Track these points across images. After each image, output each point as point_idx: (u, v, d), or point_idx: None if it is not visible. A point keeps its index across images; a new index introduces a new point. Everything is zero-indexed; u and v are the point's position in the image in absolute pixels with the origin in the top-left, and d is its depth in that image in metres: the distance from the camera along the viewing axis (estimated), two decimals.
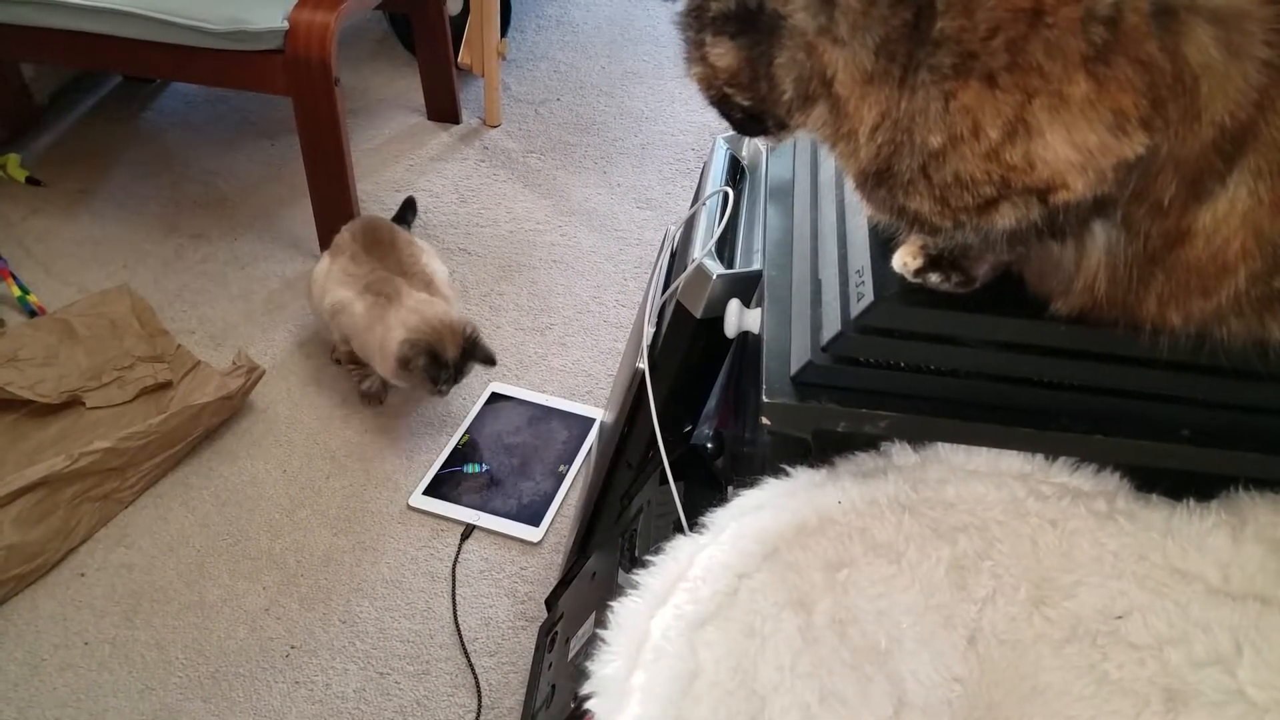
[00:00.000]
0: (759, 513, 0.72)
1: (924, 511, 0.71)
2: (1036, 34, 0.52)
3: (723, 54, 0.61)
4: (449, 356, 1.58)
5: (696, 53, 0.63)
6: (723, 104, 0.64)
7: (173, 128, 2.35)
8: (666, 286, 1.09)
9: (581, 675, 0.67)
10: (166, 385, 1.66)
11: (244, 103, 2.40)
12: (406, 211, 2.02)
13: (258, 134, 2.32)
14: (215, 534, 1.51)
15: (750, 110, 0.63)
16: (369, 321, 1.62)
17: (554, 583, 1.36)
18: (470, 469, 1.61)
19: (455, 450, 1.63)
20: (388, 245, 1.73)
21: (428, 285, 1.70)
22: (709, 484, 1.04)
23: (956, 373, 0.70)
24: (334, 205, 1.89)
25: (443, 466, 1.60)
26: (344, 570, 1.46)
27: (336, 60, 1.71)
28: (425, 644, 1.37)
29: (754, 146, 1.20)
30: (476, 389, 1.72)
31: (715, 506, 0.75)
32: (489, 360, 1.63)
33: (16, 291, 1.81)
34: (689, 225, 1.14)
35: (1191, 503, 0.71)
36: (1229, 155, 0.54)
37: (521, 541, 1.50)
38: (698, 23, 0.62)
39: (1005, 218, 0.59)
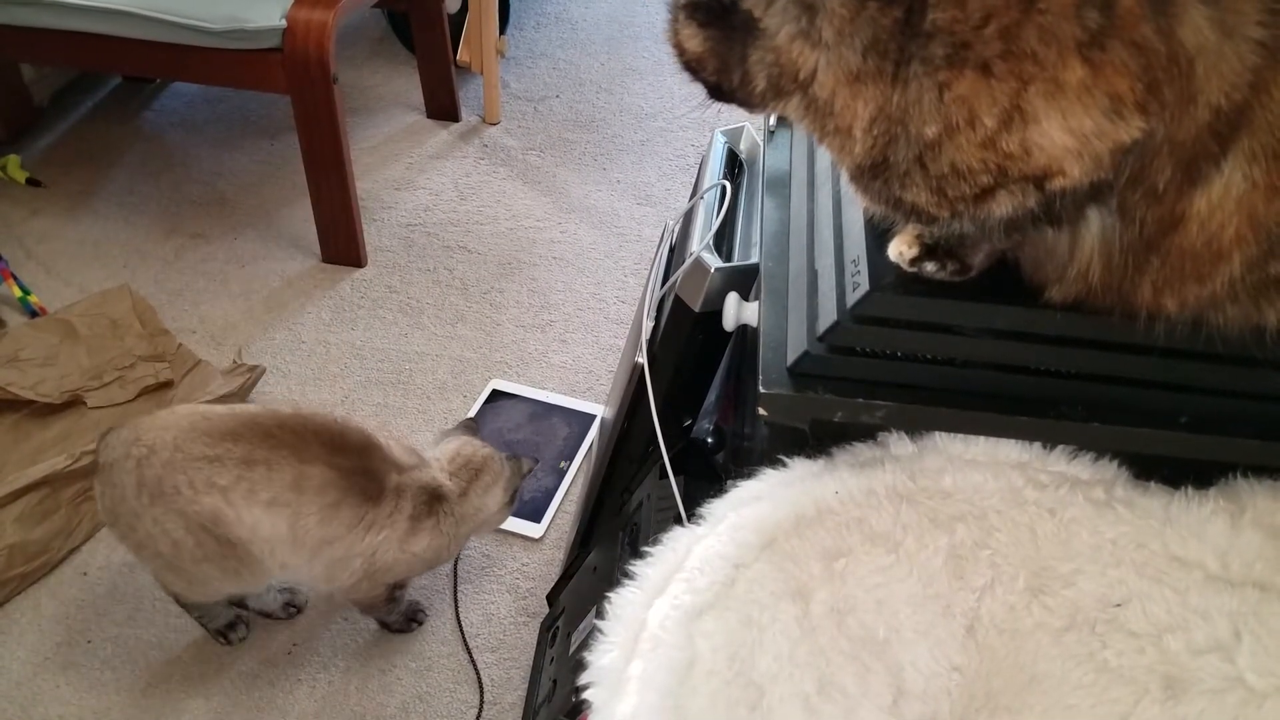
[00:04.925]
0: (757, 503, 0.73)
1: (922, 501, 0.71)
2: (1030, 20, 0.52)
3: (690, 37, 0.62)
4: None
5: (672, 25, 0.64)
6: (690, 73, 0.65)
7: (172, 128, 2.35)
8: (665, 281, 1.09)
9: (582, 669, 0.67)
10: (168, 384, 1.66)
11: (243, 102, 2.41)
12: None
13: (257, 133, 2.32)
14: None
15: (713, 86, 0.64)
16: None
17: (555, 578, 1.36)
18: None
19: None
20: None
21: None
22: (709, 477, 1.04)
23: (953, 361, 0.70)
24: (333, 203, 1.90)
25: None
26: None
27: (335, 58, 1.71)
28: (427, 640, 1.37)
29: (751, 140, 1.20)
30: (478, 386, 1.72)
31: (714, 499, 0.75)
32: None
33: (18, 292, 1.82)
34: (687, 219, 1.14)
35: (1190, 490, 0.71)
36: (1224, 138, 0.54)
37: (523, 537, 1.50)
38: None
39: (1002, 206, 0.59)
